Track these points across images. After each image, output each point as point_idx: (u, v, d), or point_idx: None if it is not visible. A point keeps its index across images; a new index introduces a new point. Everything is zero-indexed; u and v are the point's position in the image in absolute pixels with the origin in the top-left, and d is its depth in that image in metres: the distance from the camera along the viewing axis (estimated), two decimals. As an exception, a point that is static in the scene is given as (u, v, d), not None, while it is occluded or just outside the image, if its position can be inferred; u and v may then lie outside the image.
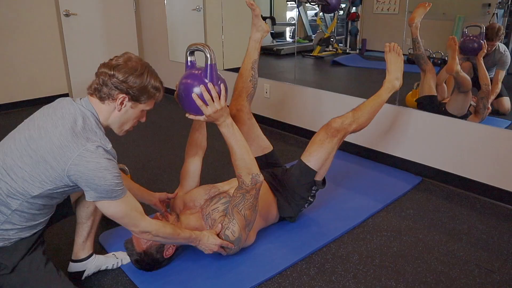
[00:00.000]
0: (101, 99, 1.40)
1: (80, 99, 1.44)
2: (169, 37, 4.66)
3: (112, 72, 1.37)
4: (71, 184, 1.34)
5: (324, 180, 2.06)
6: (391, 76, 2.23)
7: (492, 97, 2.61)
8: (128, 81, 1.38)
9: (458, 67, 2.63)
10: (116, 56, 1.44)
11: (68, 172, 1.29)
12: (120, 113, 1.43)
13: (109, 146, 1.36)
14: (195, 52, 1.66)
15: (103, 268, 1.79)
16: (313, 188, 2.02)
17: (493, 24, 2.61)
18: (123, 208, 1.40)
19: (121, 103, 1.40)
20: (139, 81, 1.39)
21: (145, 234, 1.49)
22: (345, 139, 3.05)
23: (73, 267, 1.73)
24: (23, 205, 1.36)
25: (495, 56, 2.63)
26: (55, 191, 1.36)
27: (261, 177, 1.71)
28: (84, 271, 1.73)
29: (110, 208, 1.38)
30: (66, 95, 4.55)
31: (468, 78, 2.66)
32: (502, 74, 2.63)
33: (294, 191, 2.01)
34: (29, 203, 1.36)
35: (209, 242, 1.69)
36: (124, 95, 1.39)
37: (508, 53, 2.62)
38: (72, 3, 4.37)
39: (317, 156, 1.95)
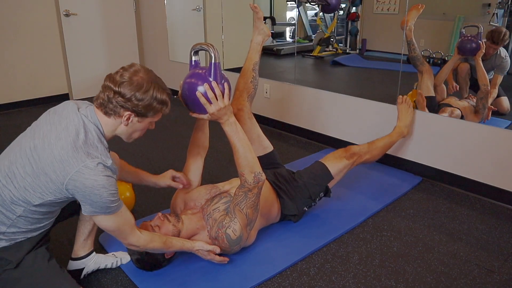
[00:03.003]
0: (107, 114, 1.39)
1: (86, 107, 1.42)
2: (169, 37, 4.66)
3: (117, 89, 1.34)
4: (70, 196, 1.36)
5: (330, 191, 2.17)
6: (401, 124, 2.59)
7: (490, 101, 2.61)
8: (132, 100, 1.35)
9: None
10: (122, 68, 1.40)
11: (66, 186, 1.31)
12: (127, 127, 1.43)
13: (109, 162, 1.35)
14: (198, 52, 1.66)
15: (102, 266, 1.79)
16: (321, 194, 2.11)
17: (500, 28, 2.58)
18: (116, 222, 1.43)
19: (127, 119, 1.40)
20: (144, 99, 1.37)
21: (133, 247, 1.55)
22: (345, 139, 3.08)
23: (73, 265, 1.74)
24: (26, 211, 1.38)
25: (496, 61, 2.61)
26: (55, 201, 1.39)
27: (264, 176, 1.72)
28: (83, 269, 1.74)
29: (103, 222, 1.42)
30: (66, 95, 4.55)
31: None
32: (500, 78, 2.62)
33: (306, 187, 2.05)
34: (32, 210, 1.39)
35: (201, 250, 1.72)
36: (129, 112, 1.38)
37: (508, 59, 2.59)
38: (72, 3, 4.37)
39: (333, 165, 2.14)
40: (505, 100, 2.65)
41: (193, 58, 1.67)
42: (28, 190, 1.34)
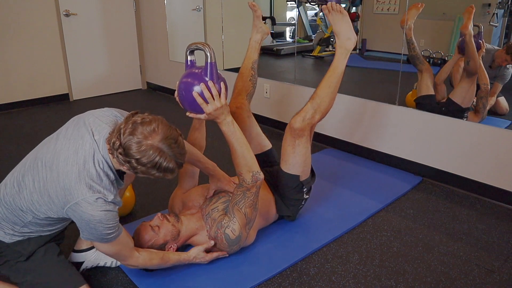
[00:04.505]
0: (113, 155, 1.32)
1: (100, 132, 1.37)
2: (169, 37, 4.66)
3: (123, 143, 1.25)
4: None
5: (312, 172, 2.04)
6: (341, 39, 1.94)
7: (488, 107, 2.61)
8: (132, 162, 1.27)
9: (471, 31, 2.54)
10: (142, 119, 1.29)
11: (66, 211, 1.34)
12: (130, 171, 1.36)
13: (110, 197, 1.32)
14: (195, 51, 1.66)
15: (102, 263, 1.79)
16: (303, 188, 2.00)
17: None
18: (113, 249, 1.45)
19: (127, 170, 1.34)
20: (144, 166, 1.27)
21: (132, 267, 1.59)
22: (344, 139, 3.08)
23: (74, 257, 1.76)
24: (36, 219, 1.42)
25: (501, 71, 2.62)
26: (60, 218, 1.42)
27: (262, 175, 1.71)
28: (83, 262, 1.76)
29: (100, 248, 1.45)
30: (66, 95, 4.54)
31: (477, 54, 2.56)
32: (500, 87, 2.64)
33: (286, 196, 2.01)
34: (40, 218, 1.42)
35: (198, 256, 1.73)
36: (127, 168, 1.32)
37: (511, 70, 2.61)
38: (72, 3, 4.37)
39: (293, 162, 1.92)
40: (503, 100, 2.66)
41: (189, 58, 1.67)
42: (35, 205, 1.38)
